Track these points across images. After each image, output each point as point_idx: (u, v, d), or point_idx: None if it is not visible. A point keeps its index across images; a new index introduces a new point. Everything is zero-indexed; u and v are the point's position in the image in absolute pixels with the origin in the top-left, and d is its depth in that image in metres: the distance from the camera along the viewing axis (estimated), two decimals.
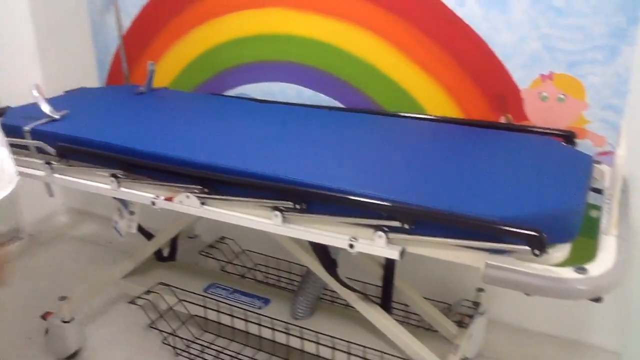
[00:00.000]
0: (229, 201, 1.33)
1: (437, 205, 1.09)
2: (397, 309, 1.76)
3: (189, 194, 1.36)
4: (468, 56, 1.69)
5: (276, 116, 1.71)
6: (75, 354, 1.84)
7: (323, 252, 1.45)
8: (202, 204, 1.36)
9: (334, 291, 1.86)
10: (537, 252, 1.00)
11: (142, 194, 1.45)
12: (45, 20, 2.47)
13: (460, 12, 1.66)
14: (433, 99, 1.77)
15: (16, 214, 2.64)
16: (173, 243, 2.03)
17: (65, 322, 1.79)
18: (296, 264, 2.02)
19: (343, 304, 1.86)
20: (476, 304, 1.74)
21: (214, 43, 2.10)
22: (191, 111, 1.79)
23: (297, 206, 1.22)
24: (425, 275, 1.95)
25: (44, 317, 1.83)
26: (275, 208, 1.25)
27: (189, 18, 2.11)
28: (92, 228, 2.71)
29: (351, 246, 1.18)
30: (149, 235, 1.93)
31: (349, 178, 1.23)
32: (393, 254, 1.14)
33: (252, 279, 2.03)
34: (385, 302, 1.64)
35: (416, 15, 1.72)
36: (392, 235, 1.14)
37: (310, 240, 1.23)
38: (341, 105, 1.92)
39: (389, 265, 1.63)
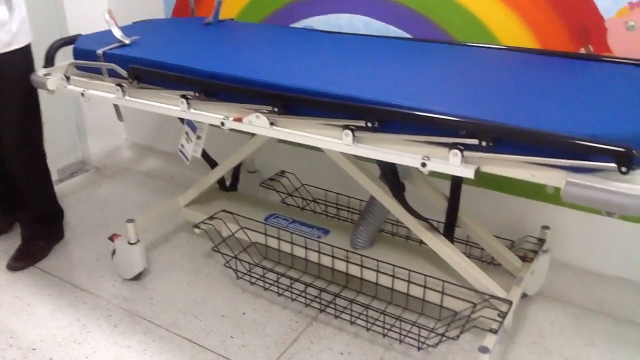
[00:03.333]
0: (299, 121, 1.32)
1: (519, 123, 1.06)
2: (460, 241, 1.74)
3: (258, 113, 1.36)
4: None
5: (346, 44, 1.68)
6: (139, 275, 1.91)
7: (392, 175, 1.43)
8: (272, 124, 1.36)
9: (395, 224, 1.88)
10: (624, 169, 0.96)
11: (211, 114, 1.46)
12: None
13: None
14: (509, 29, 1.70)
15: (83, 147, 2.74)
16: (235, 173, 2.06)
17: (131, 243, 1.85)
18: (356, 198, 2.02)
19: (403, 237, 1.86)
20: (541, 241, 1.70)
21: None
22: (259, 39, 1.78)
23: (369, 124, 1.20)
24: (490, 213, 1.92)
25: (112, 238, 1.90)
26: (346, 127, 1.24)
27: None
28: (155, 163, 2.78)
29: (423, 165, 1.16)
30: (213, 163, 1.96)
31: (424, 97, 1.21)
32: (468, 172, 1.12)
33: (311, 211, 2.05)
34: (449, 232, 1.63)
35: None
36: (467, 153, 1.11)
37: (382, 159, 1.22)
38: (411, 37, 1.88)
39: (454, 197, 1.61)
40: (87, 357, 1.60)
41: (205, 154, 1.92)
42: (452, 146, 1.12)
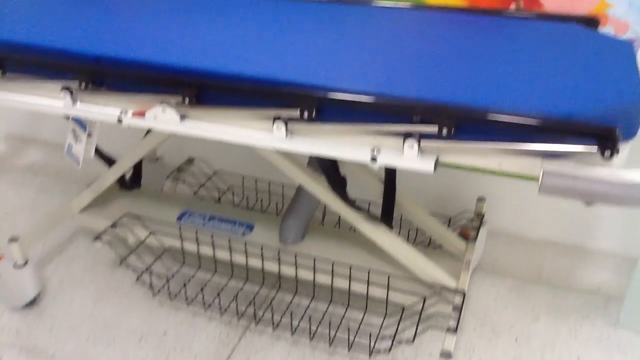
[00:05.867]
0: (217, 112, 1.10)
1: (479, 103, 0.91)
2: (397, 225, 1.62)
3: (165, 105, 1.12)
4: None
5: (256, 8, 1.44)
6: (34, 301, 1.62)
7: (332, 169, 1.26)
8: (183, 117, 1.12)
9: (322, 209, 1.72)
10: (607, 153, 0.84)
11: (104, 109, 1.19)
12: None
13: None
14: None
15: None
16: (136, 167, 1.79)
17: (18, 266, 1.55)
18: (277, 183, 1.83)
19: (333, 223, 1.71)
20: (480, 215, 1.61)
21: None
22: (152, 1, 1.49)
23: (306, 114, 1.01)
24: (422, 187, 1.81)
25: None
26: (278, 119, 1.04)
27: None
28: (36, 156, 2.40)
29: (374, 159, 0.99)
30: (109, 161, 1.67)
31: (367, 77, 1.03)
32: (427, 166, 0.96)
33: (229, 203, 1.83)
34: (387, 219, 1.49)
35: None
36: (425, 143, 0.96)
37: (323, 155, 1.04)
38: None
39: (390, 179, 1.47)
40: None
41: (98, 151, 1.63)
42: (407, 135, 0.96)
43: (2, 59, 1.24)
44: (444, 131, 0.93)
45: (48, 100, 1.24)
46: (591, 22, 1.35)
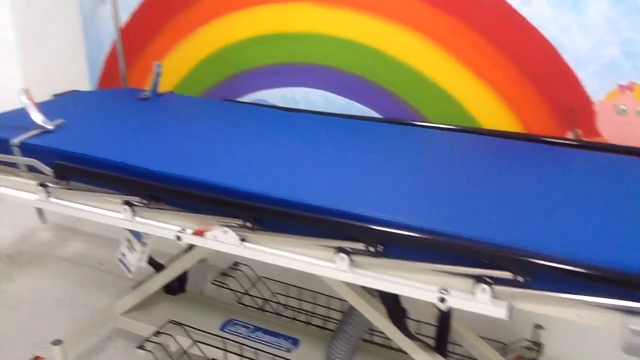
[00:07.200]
0: (278, 238, 1.08)
1: (557, 251, 0.87)
2: (452, 351, 1.54)
3: (226, 228, 1.11)
4: (532, 62, 1.48)
5: (315, 128, 1.46)
6: None
7: (393, 301, 1.21)
8: (243, 240, 1.11)
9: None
10: None
11: (163, 225, 1.19)
12: (27, 13, 2.18)
13: (525, 12, 1.45)
14: (489, 110, 1.55)
15: None
16: (183, 272, 1.77)
17: None
18: (321, 293, 1.78)
19: (385, 345, 1.64)
20: (537, 345, 1.53)
21: (227, 42, 1.85)
22: (211, 122, 1.53)
23: (371, 248, 0.98)
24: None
25: None
26: (341, 250, 1.01)
27: (198, 12, 1.85)
28: (79, 247, 2.42)
29: (442, 300, 0.95)
30: (158, 266, 1.66)
31: (436, 214, 1.00)
32: (499, 312, 0.92)
33: (273, 312, 1.78)
34: (442, 347, 1.42)
35: (472, 14, 1.50)
36: (498, 288, 0.91)
37: (387, 290, 1.00)
38: (379, 116, 1.69)
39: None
40: None
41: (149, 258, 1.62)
42: (478, 279, 0.92)
43: (67, 170, 1.26)
44: (519, 279, 0.89)
45: (108, 212, 1.25)
46: None
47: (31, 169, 1.34)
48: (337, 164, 1.22)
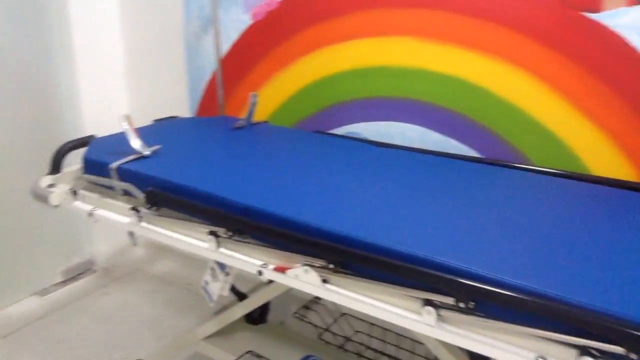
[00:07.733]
0: (361, 284, 1.03)
1: None
2: None
3: (307, 267, 1.07)
4: None
5: (408, 167, 1.40)
6: None
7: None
8: (324, 281, 1.07)
9: None
10: None
11: (246, 259, 1.17)
12: (137, 41, 2.30)
13: None
14: (600, 155, 1.42)
15: (90, 245, 2.46)
16: (265, 303, 1.75)
17: None
18: (406, 337, 1.70)
19: None
20: None
21: (323, 74, 1.84)
22: (302, 154, 1.51)
23: (461, 304, 0.90)
24: None
25: None
26: (428, 302, 0.94)
27: (295, 45, 1.86)
28: (170, 266, 2.49)
29: None
30: (241, 295, 1.66)
31: (535, 271, 0.91)
32: None
33: (354, 353, 1.72)
34: None
35: (584, 52, 1.39)
36: None
37: (476, 351, 0.91)
38: (477, 155, 1.61)
39: None
40: None
41: (232, 287, 1.62)
42: (583, 350, 0.82)
43: (159, 198, 1.28)
44: (632, 356, 0.78)
45: (194, 240, 1.26)
46: None
47: (126, 192, 1.38)
48: (430, 208, 1.15)
